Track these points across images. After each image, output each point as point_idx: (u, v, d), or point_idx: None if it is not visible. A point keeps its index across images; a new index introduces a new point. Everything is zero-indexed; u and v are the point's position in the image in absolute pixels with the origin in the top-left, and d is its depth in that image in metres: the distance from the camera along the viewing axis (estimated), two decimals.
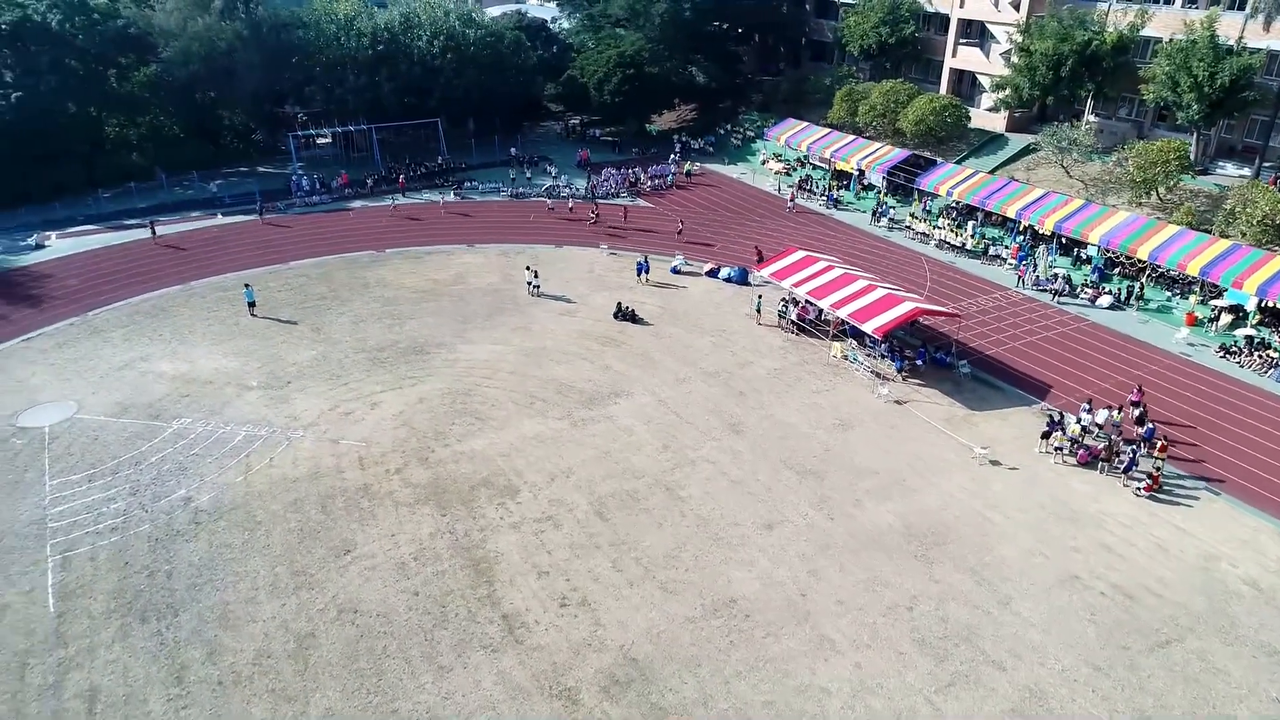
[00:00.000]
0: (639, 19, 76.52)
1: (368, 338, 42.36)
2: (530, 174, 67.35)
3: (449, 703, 22.81)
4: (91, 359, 40.26)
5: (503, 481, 31.64)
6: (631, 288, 48.05)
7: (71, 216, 58.73)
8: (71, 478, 31.70)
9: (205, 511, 29.96)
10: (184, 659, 24.07)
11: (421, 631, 25.04)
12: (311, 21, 69.63)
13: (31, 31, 60.11)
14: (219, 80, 66.61)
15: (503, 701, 22.85)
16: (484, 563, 27.71)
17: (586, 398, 37.24)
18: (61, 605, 25.90)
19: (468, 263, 51.97)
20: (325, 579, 26.99)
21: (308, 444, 33.84)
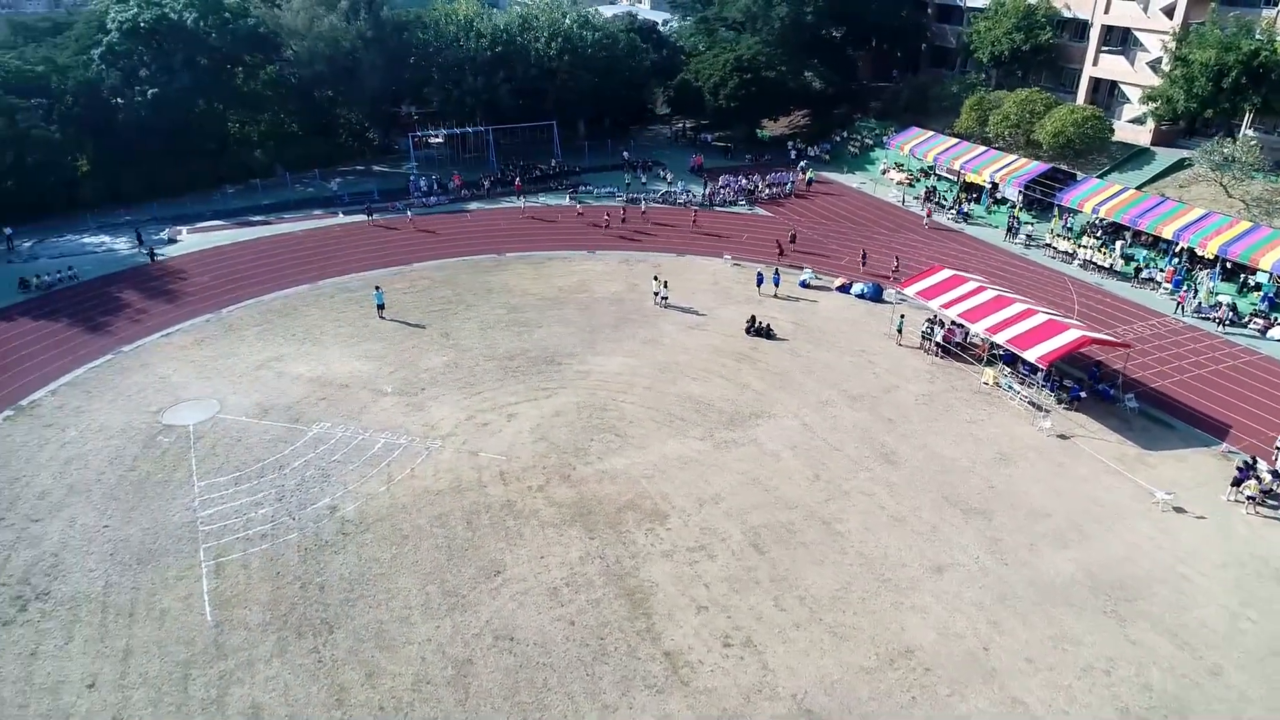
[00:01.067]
0: (756, 22, 74.76)
1: (497, 345, 41.71)
2: (645, 179, 66.23)
3: None
4: (229, 357, 40.50)
5: (649, 505, 30.41)
6: (760, 301, 46.41)
7: (200, 212, 59.88)
8: (218, 479, 31.64)
9: (351, 522, 29.47)
10: (343, 680, 23.43)
11: (581, 665, 23.93)
12: (431, 23, 69.84)
13: (168, 30, 61.48)
14: (341, 79, 67.27)
15: None
16: (638, 593, 26.50)
17: (727, 418, 35.79)
18: (219, 614, 25.58)
19: (590, 270, 51.08)
20: (478, 601, 26.13)
21: (447, 455, 33.19)
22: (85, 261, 51.00)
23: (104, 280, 48.92)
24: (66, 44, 63.68)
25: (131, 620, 25.34)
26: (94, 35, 62.61)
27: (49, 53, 62.20)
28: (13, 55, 60.84)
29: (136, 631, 24.94)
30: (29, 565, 27.43)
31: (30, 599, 26.09)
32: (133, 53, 61.47)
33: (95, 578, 26.95)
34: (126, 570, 27.25)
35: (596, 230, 56.89)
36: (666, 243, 55.09)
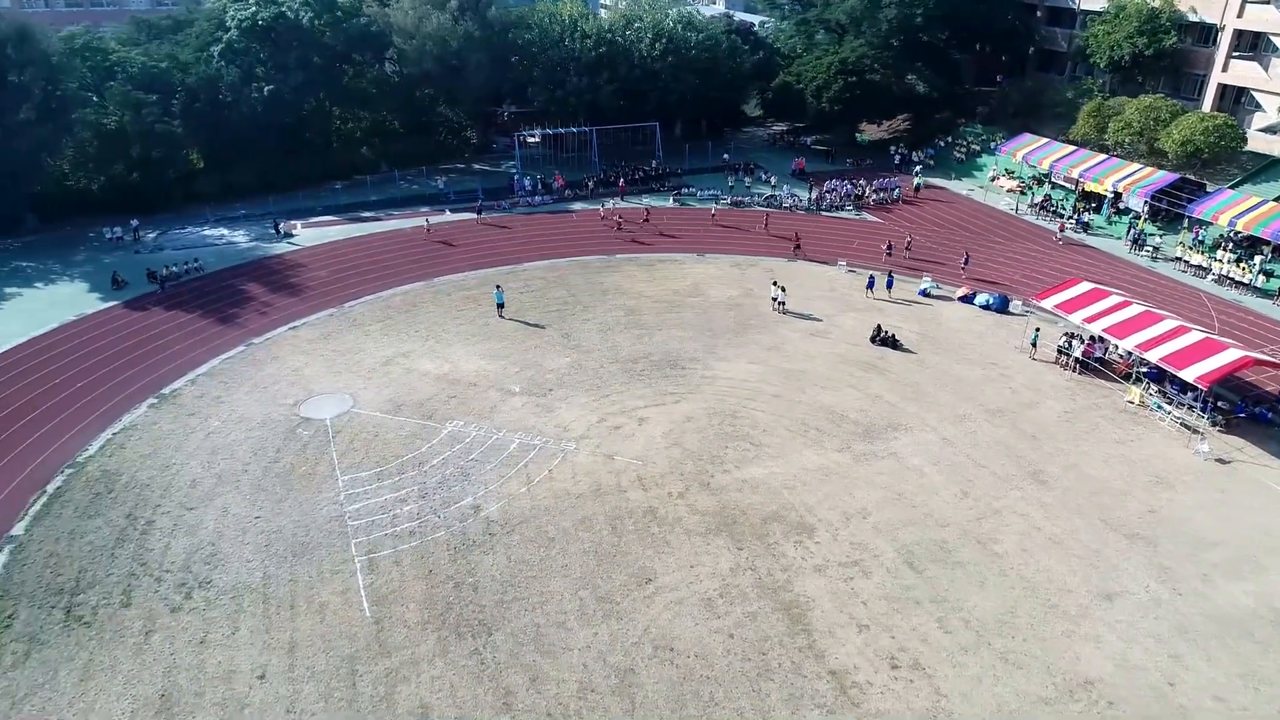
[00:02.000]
0: (860, 24, 73.47)
1: (619, 347, 41.46)
2: (749, 182, 65.54)
3: None
4: (356, 352, 40.95)
5: (794, 517, 29.76)
6: (881, 309, 45.40)
7: (311, 207, 60.92)
8: (360, 474, 31.89)
9: (496, 522, 29.40)
10: (508, 683, 23.28)
11: (746, 680, 23.40)
12: (536, 22, 70.08)
13: (285, 28, 62.66)
14: (447, 78, 67.85)
15: None
16: (795, 608, 25.88)
17: (862, 429, 34.95)
18: (377, 610, 25.68)
19: (701, 273, 50.60)
20: (632, 609, 25.79)
21: (583, 458, 32.99)
22: (207, 254, 52.18)
23: (228, 272, 49.99)
24: (188, 41, 65.40)
25: (293, 613, 25.57)
26: (213, 33, 64.18)
27: (172, 49, 63.92)
28: (138, 51, 62.67)
29: (299, 624, 25.15)
30: (189, 553, 27.91)
31: (194, 587, 26.52)
32: (250, 50, 62.81)
33: (253, 568, 27.29)
34: (283, 562, 27.54)
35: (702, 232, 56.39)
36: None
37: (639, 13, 71.20)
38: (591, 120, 68.82)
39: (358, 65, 69.34)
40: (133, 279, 48.12)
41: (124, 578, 26.85)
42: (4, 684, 23.18)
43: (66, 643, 24.49)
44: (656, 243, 54.78)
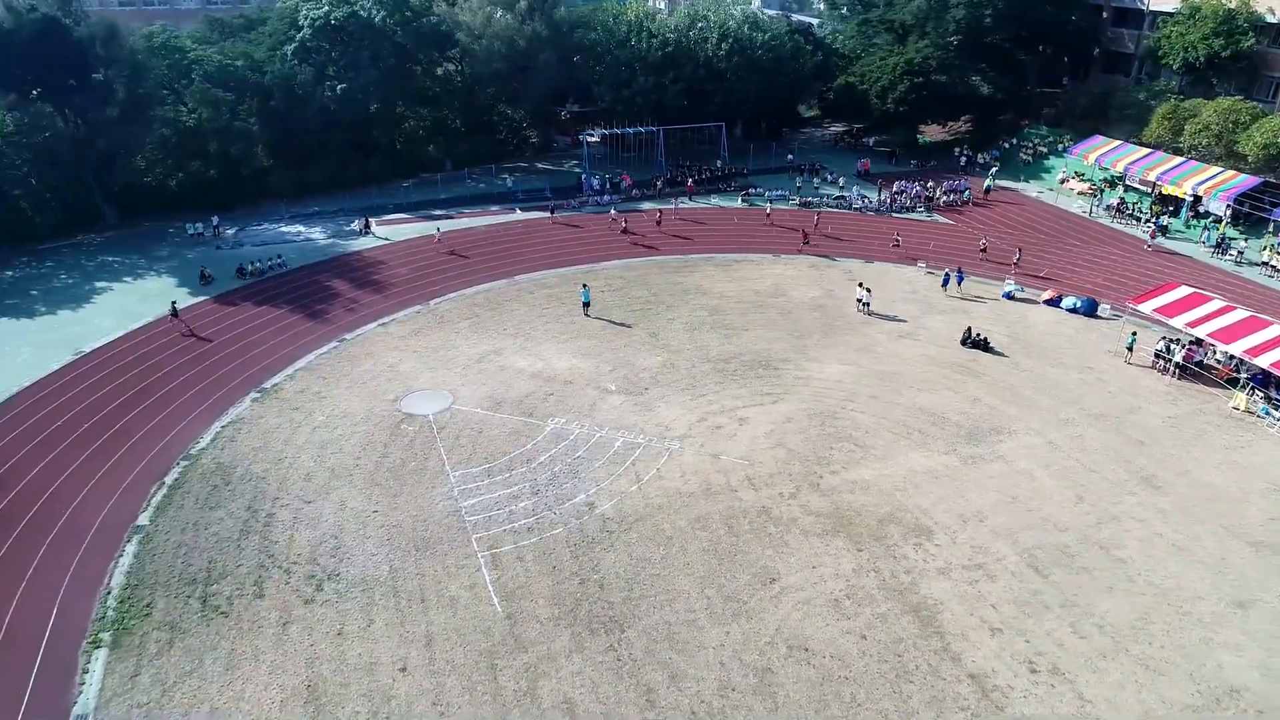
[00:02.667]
0: (926, 25, 73.01)
1: (708, 347, 41.49)
2: (818, 182, 65.36)
3: None
4: (448, 349, 41.25)
5: (910, 520, 29.65)
6: (968, 311, 45.15)
7: (383, 204, 61.40)
8: (470, 470, 32.13)
9: (612, 520, 29.53)
10: (648, 680, 23.37)
11: (885, 682, 23.35)
12: (600, 22, 70.26)
13: (357, 27, 63.21)
14: (514, 78, 68.15)
15: None
16: (924, 610, 25.79)
17: (965, 432, 34.76)
18: (507, 605, 25.87)
19: (780, 273, 50.53)
20: (760, 609, 25.81)
21: (688, 457, 33.05)
22: (288, 250, 52.70)
23: (311, 269, 50.52)
24: (261, 40, 66.15)
25: (425, 606, 25.81)
26: (286, 31, 64.87)
27: (246, 48, 64.69)
28: (214, 50, 63.48)
29: (432, 618, 25.39)
30: (314, 545, 28.25)
31: (323, 579, 26.84)
32: (322, 49, 63.46)
33: (378, 562, 27.58)
34: (407, 556, 27.81)
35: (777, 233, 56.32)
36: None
37: (704, 12, 71.04)
38: (656, 120, 68.80)
39: (425, 64, 69.80)
40: (219, 274, 48.73)
41: (254, 569, 27.21)
42: (152, 671, 23.57)
43: (207, 632, 24.86)
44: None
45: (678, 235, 55.82)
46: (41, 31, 49.77)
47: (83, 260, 52.03)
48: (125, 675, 23.44)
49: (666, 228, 56.78)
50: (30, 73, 51.08)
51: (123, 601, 25.93)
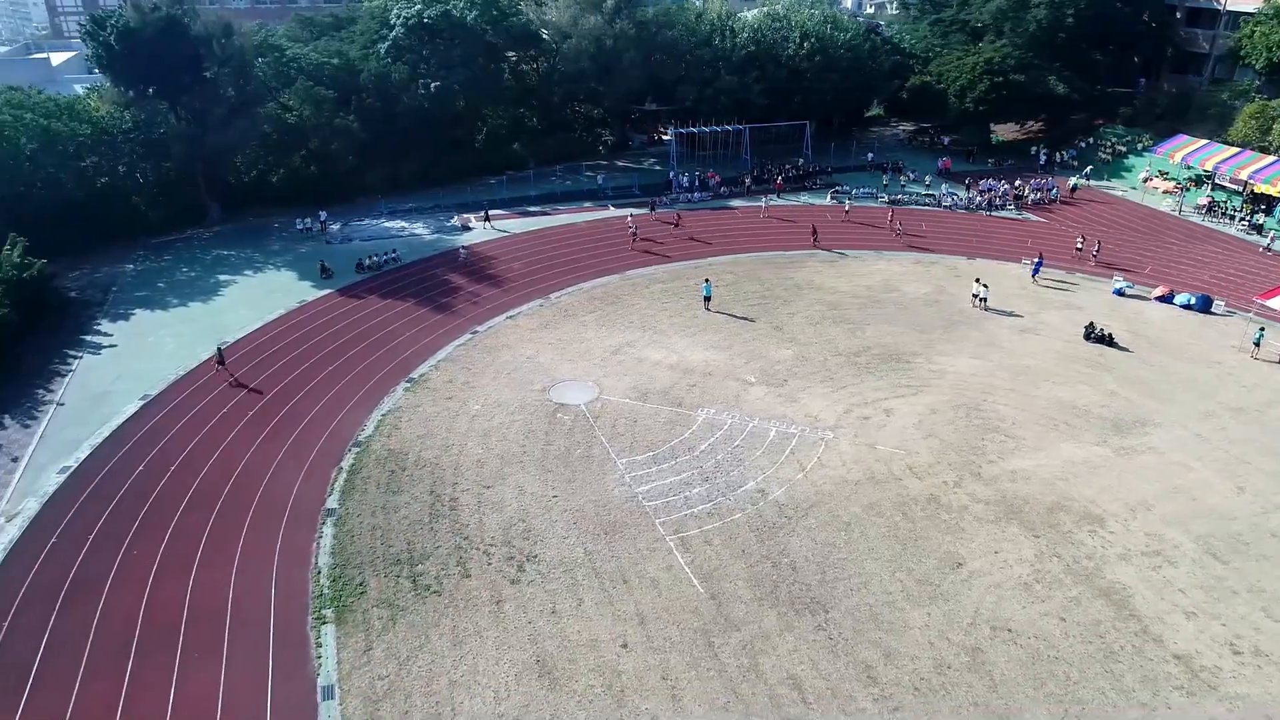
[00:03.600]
0: (1004, 25, 73.55)
1: (834, 341, 42.25)
2: (904, 181, 66.01)
3: None
4: (580, 342, 42.11)
5: (1078, 508, 30.33)
6: (1082, 307, 45.78)
7: (478, 201, 62.24)
8: (636, 458, 32.97)
9: (786, 505, 30.32)
10: (863, 658, 24.15)
11: (1095, 662, 24.06)
12: (683, 22, 71.03)
13: (449, 26, 64.16)
14: (599, 77, 68.96)
15: None
16: (1114, 594, 26.48)
17: (1110, 424, 35.41)
18: (708, 586, 26.68)
19: (886, 270, 51.24)
20: (954, 592, 26.54)
21: (844, 446, 33.80)
22: (396, 245, 53.59)
23: (424, 263, 51.48)
24: (353, 38, 67.20)
25: (628, 587, 26.65)
26: (378, 30, 65.98)
27: (339, 47, 65.73)
28: (310, 49, 64.56)
29: (639, 598, 26.22)
30: (504, 528, 29.14)
31: (523, 560, 27.71)
32: (415, 48, 64.46)
33: (571, 544, 28.43)
34: (597, 539, 28.66)
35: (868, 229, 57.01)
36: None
37: (784, 13, 71.76)
38: (737, 118, 69.50)
39: (512, 64, 70.71)
40: (337, 268, 49.73)
41: (453, 550, 28.11)
42: (383, 646, 24.47)
43: (424, 609, 25.76)
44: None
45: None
46: (164, 30, 50.87)
47: (198, 254, 53.15)
48: (358, 650, 24.35)
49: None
50: (150, 70, 52.18)
51: (335, 580, 26.85)
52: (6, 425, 35.07)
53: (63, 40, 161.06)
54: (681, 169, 66.79)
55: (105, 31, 50.38)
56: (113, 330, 43.20)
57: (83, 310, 45.39)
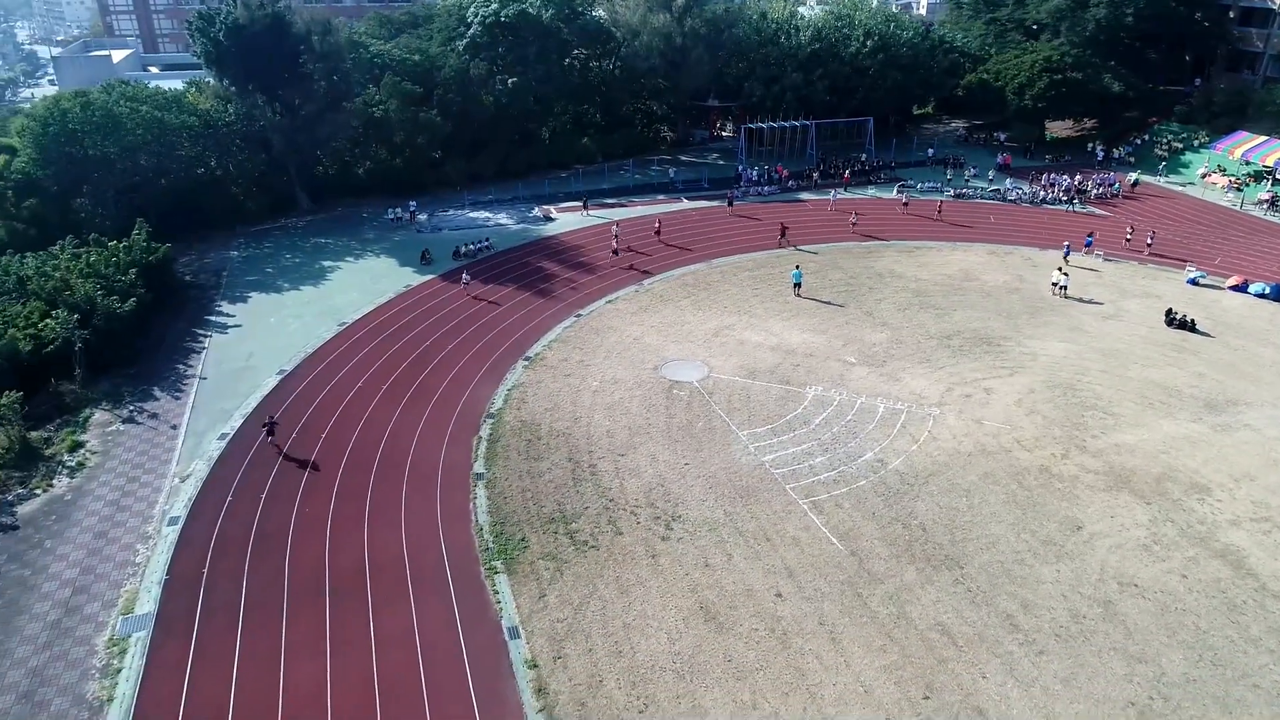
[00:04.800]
0: (1062, 24, 75.09)
1: (925, 325, 44.03)
2: (968, 176, 67.68)
3: None
4: (681, 324, 44.06)
5: (1184, 478, 32.04)
6: (1160, 295, 47.35)
7: (554, 193, 64.40)
8: (756, 430, 34.88)
9: (906, 474, 32.16)
10: (1004, 609, 25.97)
11: (1221, 614, 25.80)
12: (749, 20, 72.89)
13: (526, 24, 66.28)
14: (668, 73, 70.92)
15: None
16: (1230, 555, 28.20)
17: (1203, 403, 37.08)
18: (847, 544, 28.56)
19: (962, 259, 52.97)
20: (1078, 551, 28.32)
21: (951, 421, 35.61)
22: (482, 234, 55.61)
23: (516, 251, 53.59)
24: (431, 35, 69.41)
25: (771, 545, 28.56)
26: (455, 28, 68.14)
27: (420, 44, 67.95)
28: (392, 46, 66.80)
29: (784, 554, 28.13)
30: (646, 492, 31.12)
31: (669, 520, 29.68)
32: (492, 45, 66.60)
33: (712, 507, 30.38)
34: (735, 502, 30.60)
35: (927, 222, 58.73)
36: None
37: (847, 11, 73.53)
38: (801, 114, 71.30)
39: (582, 61, 72.76)
40: (436, 255, 51.86)
41: (602, 510, 30.12)
42: (555, 593, 26.49)
43: (586, 562, 27.75)
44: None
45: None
46: (269, 26, 53.16)
47: (296, 241, 55.45)
48: (533, 597, 26.37)
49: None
50: (253, 64, 54.46)
51: (498, 536, 28.89)
52: (159, 396, 37.34)
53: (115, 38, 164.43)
54: (752, 163, 68.59)
55: (214, 28, 52.68)
56: (234, 311, 45.46)
57: (201, 293, 47.72)
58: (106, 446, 33.89)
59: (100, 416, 35.85)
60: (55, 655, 24.27)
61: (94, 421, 35.49)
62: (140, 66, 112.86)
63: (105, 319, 38.68)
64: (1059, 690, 23.26)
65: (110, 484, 31.59)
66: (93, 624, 25.34)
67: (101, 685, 23.33)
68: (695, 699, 22.96)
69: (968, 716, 22.52)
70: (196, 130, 54.71)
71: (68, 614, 25.70)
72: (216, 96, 57.03)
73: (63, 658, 24.19)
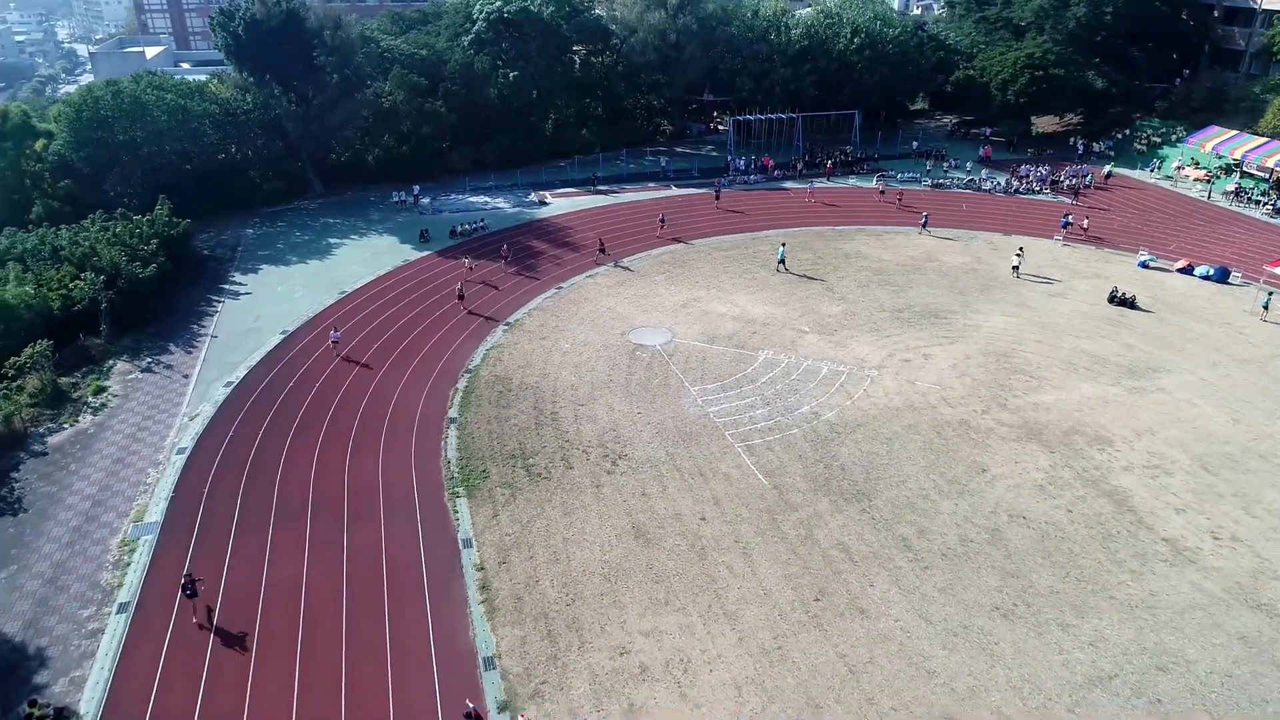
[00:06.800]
0: (1045, 22, 77.74)
1: (880, 300, 47.30)
2: (946, 167, 70.64)
3: (1156, 598, 26.61)
4: (652, 297, 47.67)
5: (1091, 432, 35.18)
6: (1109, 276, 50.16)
7: (550, 180, 68.21)
8: (706, 386, 38.45)
9: (837, 424, 35.59)
10: (901, 533, 29.38)
11: (1095, 542, 29.02)
12: (741, 17, 76.27)
13: (528, 20, 70.18)
14: (661, 69, 74.48)
15: (1206, 605, 26.33)
16: (1116, 495, 31.36)
17: (1125, 369, 40.09)
18: (771, 480, 32.07)
19: (928, 244, 56.06)
20: (979, 490, 31.63)
21: (888, 382, 38.95)
22: (479, 217, 59.56)
23: (509, 231, 57.43)
24: (439, 31, 73.57)
25: (704, 479, 32.14)
26: (461, 24, 72.20)
27: (428, 39, 72.13)
28: (401, 40, 71.03)
29: (713, 486, 31.71)
30: (599, 435, 34.80)
31: (616, 457, 33.35)
32: (495, 40, 70.57)
33: (655, 448, 34.01)
34: (677, 444, 34.21)
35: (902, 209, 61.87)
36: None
37: (837, 10, 76.72)
38: (789, 108, 74.51)
39: (581, 56, 76.56)
40: (435, 234, 55.88)
41: (557, 449, 33.85)
42: (508, 513, 30.26)
43: (537, 490, 31.51)
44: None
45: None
46: (284, 21, 57.50)
47: (307, 221, 59.74)
48: (487, 516, 30.17)
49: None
50: (269, 57, 58.83)
51: (463, 469, 32.72)
52: (174, 350, 41.63)
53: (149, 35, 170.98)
54: (740, 154, 72.00)
55: (234, 22, 57.12)
56: (245, 281, 49.72)
57: (216, 265, 52.06)
58: (126, 391, 38.19)
59: (121, 366, 40.18)
60: (76, 552, 28.44)
61: (116, 370, 39.82)
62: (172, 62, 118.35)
63: (129, 282, 43.04)
64: (935, 596, 26.67)
65: (128, 421, 35.85)
66: (108, 529, 29.50)
67: (113, 575, 27.45)
68: (616, 596, 26.64)
69: (851, 614, 26.00)
70: (217, 118, 59.16)
71: (87, 521, 29.89)
72: (236, 87, 61.46)
73: (82, 554, 28.35)
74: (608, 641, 24.98)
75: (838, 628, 25.53)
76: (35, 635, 25.28)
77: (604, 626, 25.51)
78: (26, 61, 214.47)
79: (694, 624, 25.61)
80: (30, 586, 27.02)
